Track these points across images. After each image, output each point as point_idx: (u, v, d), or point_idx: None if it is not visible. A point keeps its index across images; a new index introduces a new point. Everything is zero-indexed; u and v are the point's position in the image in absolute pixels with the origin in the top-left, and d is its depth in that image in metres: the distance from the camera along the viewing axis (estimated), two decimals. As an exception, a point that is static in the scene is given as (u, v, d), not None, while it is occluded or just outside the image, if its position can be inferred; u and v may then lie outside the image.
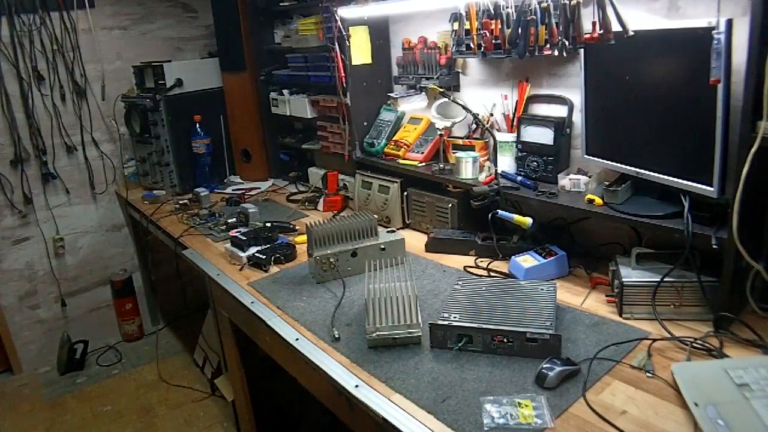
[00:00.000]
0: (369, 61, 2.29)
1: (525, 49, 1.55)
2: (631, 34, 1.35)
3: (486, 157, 1.98)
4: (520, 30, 1.54)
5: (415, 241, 2.01)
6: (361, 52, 2.25)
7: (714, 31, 1.18)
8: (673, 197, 1.45)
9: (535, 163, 1.80)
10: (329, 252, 1.76)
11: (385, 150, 2.25)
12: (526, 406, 1.10)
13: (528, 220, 1.74)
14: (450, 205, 1.96)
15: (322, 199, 2.49)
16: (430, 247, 1.93)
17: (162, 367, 3.03)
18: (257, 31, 2.78)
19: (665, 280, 1.36)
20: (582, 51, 1.56)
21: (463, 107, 1.92)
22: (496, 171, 1.84)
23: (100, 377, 3.04)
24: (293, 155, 2.92)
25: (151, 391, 2.87)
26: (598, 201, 1.57)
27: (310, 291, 1.71)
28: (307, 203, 2.55)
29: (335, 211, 2.42)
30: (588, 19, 1.42)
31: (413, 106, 2.23)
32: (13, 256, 2.97)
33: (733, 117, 1.24)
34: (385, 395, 1.19)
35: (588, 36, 1.43)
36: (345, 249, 1.78)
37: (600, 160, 1.62)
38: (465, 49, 1.84)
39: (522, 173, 1.85)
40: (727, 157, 1.27)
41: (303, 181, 2.82)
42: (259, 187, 2.88)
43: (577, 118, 1.72)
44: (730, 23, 1.19)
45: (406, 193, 2.14)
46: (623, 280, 1.40)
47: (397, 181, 2.15)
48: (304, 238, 2.03)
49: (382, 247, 1.82)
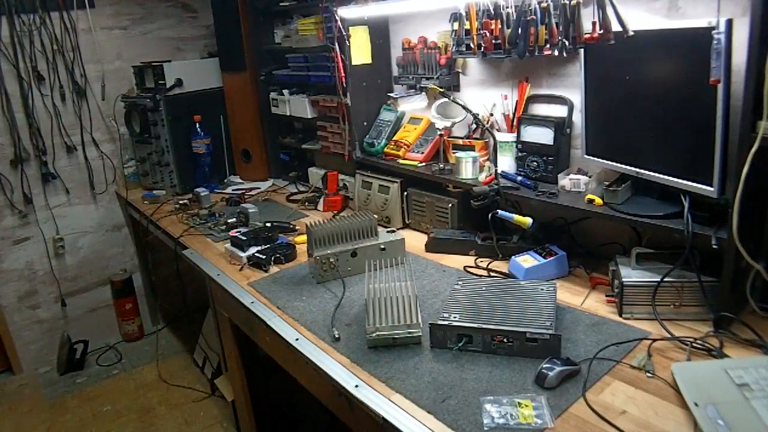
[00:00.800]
0: (369, 61, 2.29)
1: (525, 49, 1.55)
2: (631, 34, 1.35)
3: (486, 157, 1.98)
4: (520, 30, 1.54)
5: (415, 241, 2.01)
6: (361, 52, 2.25)
7: (714, 31, 1.18)
8: (673, 197, 1.45)
9: (535, 163, 1.80)
10: (329, 252, 1.76)
11: (385, 150, 2.25)
12: (526, 406, 1.10)
13: (528, 220, 1.74)
14: (450, 205, 1.96)
15: (322, 199, 2.49)
16: (430, 247, 1.93)
17: (162, 367, 3.03)
18: (257, 31, 2.78)
19: (665, 280, 1.36)
20: (582, 51, 1.56)
21: (463, 107, 1.92)
22: (496, 171, 1.84)
23: (100, 377, 3.04)
24: (293, 155, 2.92)
25: (151, 391, 2.87)
26: (598, 201, 1.57)
27: (310, 291, 1.71)
28: (307, 203, 2.55)
29: (335, 211, 2.42)
30: (588, 19, 1.42)
31: (413, 106, 2.23)
32: (13, 256, 2.97)
33: (733, 117, 1.24)
34: (385, 395, 1.19)
35: (588, 36, 1.43)
36: (345, 249, 1.78)
37: (600, 160, 1.62)
38: (465, 49, 1.84)
39: (522, 173, 1.85)
40: (727, 157, 1.27)
41: (303, 181, 2.82)
42: (259, 187, 2.88)
43: (577, 118, 1.72)
44: (730, 23, 1.19)
45: (406, 193, 2.14)
46: (623, 280, 1.40)
47: (397, 181, 2.15)
48: (304, 238, 2.03)
49: (382, 247, 1.82)
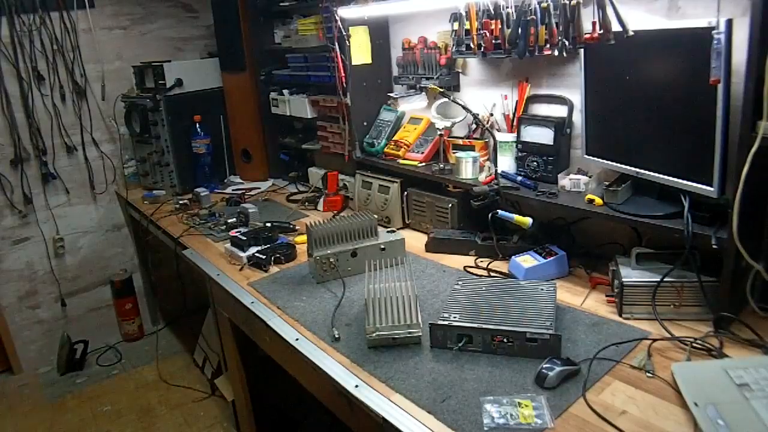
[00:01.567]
0: (369, 61, 2.28)
1: (525, 49, 1.55)
2: (631, 34, 1.35)
3: (486, 157, 1.98)
4: (520, 30, 1.54)
5: (415, 241, 2.01)
6: (361, 52, 2.25)
7: (714, 31, 1.18)
8: (673, 197, 1.44)
9: (535, 163, 1.80)
10: (329, 252, 1.76)
11: (385, 150, 2.25)
12: (526, 406, 1.10)
13: (528, 220, 1.74)
14: (450, 205, 1.96)
15: (322, 199, 2.49)
16: (430, 247, 1.93)
17: (162, 367, 3.03)
18: (257, 31, 2.78)
19: (665, 280, 1.36)
20: (582, 51, 1.56)
21: (463, 107, 1.91)
22: (496, 171, 1.84)
23: (100, 377, 3.04)
24: (293, 155, 2.92)
25: (150, 391, 2.87)
26: (598, 201, 1.57)
27: (310, 291, 1.71)
28: (307, 203, 2.55)
29: (335, 211, 2.42)
30: (588, 19, 1.42)
31: (413, 106, 2.22)
32: (13, 256, 2.97)
33: (733, 117, 1.24)
34: (385, 395, 1.19)
35: (588, 36, 1.43)
36: (345, 249, 1.77)
37: (600, 160, 1.62)
38: (465, 49, 1.84)
39: (522, 173, 1.85)
40: (727, 157, 1.27)
41: (303, 181, 2.82)
42: (259, 187, 2.88)
43: (577, 118, 1.72)
44: (730, 23, 1.19)
45: (406, 193, 2.13)
46: (623, 280, 1.40)
47: (397, 181, 2.15)
48: (304, 238, 2.03)
49: (382, 247, 1.82)
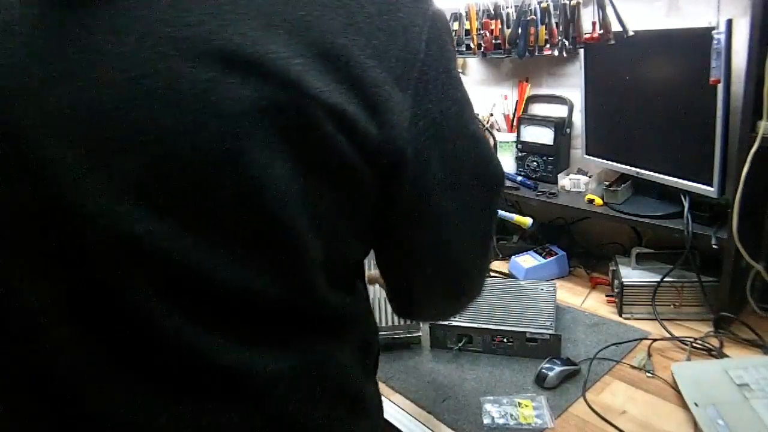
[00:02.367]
0: (369, 61, 2.28)
1: (525, 49, 1.55)
2: (631, 34, 1.35)
3: (486, 157, 1.97)
4: (520, 30, 1.54)
5: (415, 241, 2.00)
6: (361, 52, 2.25)
7: (714, 31, 1.18)
8: (673, 197, 1.44)
9: (535, 163, 1.80)
10: (329, 252, 1.75)
11: (385, 150, 2.24)
12: (526, 406, 1.10)
13: (528, 220, 1.73)
14: (450, 205, 1.96)
15: (322, 199, 2.48)
16: (430, 247, 1.93)
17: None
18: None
19: (665, 280, 1.36)
20: (582, 51, 1.56)
21: (463, 107, 1.91)
22: (496, 171, 1.84)
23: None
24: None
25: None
26: (598, 201, 1.57)
27: (310, 291, 1.70)
28: (307, 203, 2.54)
29: (335, 211, 2.42)
30: (588, 19, 1.42)
31: (413, 106, 2.22)
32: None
33: (733, 117, 1.24)
34: (385, 395, 1.19)
35: (588, 36, 1.43)
36: (345, 249, 1.77)
37: (600, 160, 1.62)
38: (465, 49, 1.84)
39: (522, 173, 1.85)
40: (727, 157, 1.27)
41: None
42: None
43: (577, 118, 1.71)
44: (730, 23, 1.19)
45: (406, 193, 2.13)
46: (623, 280, 1.40)
47: (397, 181, 2.14)
48: (304, 238, 2.02)
49: (382, 247, 1.82)
